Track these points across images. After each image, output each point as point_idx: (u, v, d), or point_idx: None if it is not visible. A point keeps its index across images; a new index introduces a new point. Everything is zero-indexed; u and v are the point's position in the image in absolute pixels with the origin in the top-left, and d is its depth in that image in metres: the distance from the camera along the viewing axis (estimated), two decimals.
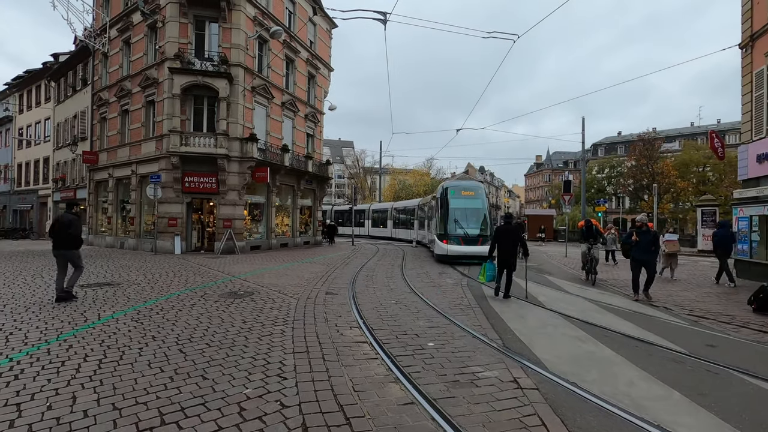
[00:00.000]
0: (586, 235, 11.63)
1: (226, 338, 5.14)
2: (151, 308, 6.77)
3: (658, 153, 44.25)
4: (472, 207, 15.90)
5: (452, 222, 15.37)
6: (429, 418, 3.17)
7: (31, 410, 3.18)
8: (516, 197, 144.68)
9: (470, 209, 15.85)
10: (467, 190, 16.46)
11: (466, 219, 15.52)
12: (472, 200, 16.08)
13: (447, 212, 15.59)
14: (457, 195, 16.08)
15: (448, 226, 15.30)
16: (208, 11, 18.05)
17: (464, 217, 15.61)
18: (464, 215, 15.65)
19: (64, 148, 26.78)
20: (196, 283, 9.47)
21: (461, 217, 15.55)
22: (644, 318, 6.92)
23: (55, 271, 7.50)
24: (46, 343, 4.82)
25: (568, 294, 9.16)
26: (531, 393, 3.66)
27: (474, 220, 15.57)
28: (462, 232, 15.14)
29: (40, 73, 31.56)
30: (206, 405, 3.32)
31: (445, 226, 15.37)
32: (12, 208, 35.79)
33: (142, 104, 19.36)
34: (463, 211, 15.74)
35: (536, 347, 5.07)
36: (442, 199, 16.21)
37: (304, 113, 24.09)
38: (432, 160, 65.79)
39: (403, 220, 29.80)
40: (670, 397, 3.72)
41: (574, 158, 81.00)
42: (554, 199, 57.76)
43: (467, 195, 16.21)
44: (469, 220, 15.51)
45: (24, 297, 7.53)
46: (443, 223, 15.54)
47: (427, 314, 6.68)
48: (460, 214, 15.63)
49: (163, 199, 17.37)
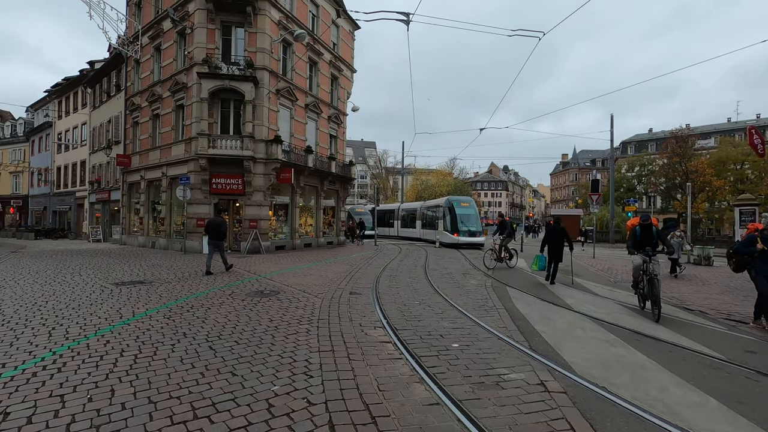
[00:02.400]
0: (640, 242, 7.65)
1: (254, 336, 5.26)
2: (181, 306, 7.00)
3: (692, 150, 42.47)
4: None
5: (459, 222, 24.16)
6: (454, 419, 3.17)
7: (74, 401, 3.35)
8: (541, 197, 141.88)
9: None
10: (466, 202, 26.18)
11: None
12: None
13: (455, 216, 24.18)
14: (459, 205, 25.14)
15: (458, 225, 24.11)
16: (234, 17, 18.48)
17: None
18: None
19: (99, 151, 27.95)
20: (223, 282, 9.73)
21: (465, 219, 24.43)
22: (678, 322, 6.68)
23: (93, 269, 7.79)
24: (85, 338, 5.06)
25: (597, 296, 8.93)
26: (559, 396, 3.60)
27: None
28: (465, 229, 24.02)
29: (77, 81, 33.08)
30: (236, 401, 3.41)
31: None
32: (52, 209, 37.61)
33: (172, 108, 20.00)
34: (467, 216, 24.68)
35: (564, 350, 4.98)
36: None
37: (327, 115, 24.34)
38: (455, 160, 65.40)
39: (430, 220, 30.03)
40: (706, 404, 3.58)
41: (601, 156, 78.76)
42: (581, 198, 56.32)
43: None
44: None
45: (64, 294, 7.92)
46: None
47: (451, 315, 6.65)
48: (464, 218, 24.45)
49: (192, 200, 17.90)
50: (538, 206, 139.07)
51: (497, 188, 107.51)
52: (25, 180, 42.64)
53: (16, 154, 43.57)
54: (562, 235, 10.54)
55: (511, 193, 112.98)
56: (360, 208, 32.02)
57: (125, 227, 24.43)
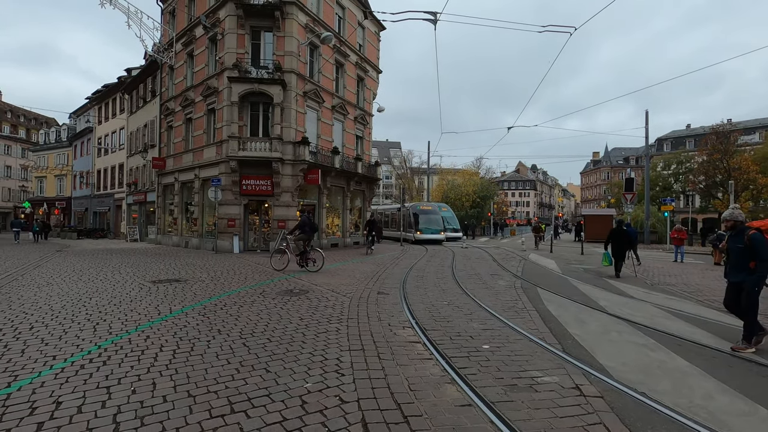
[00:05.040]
0: None
1: (285, 334, 5.37)
2: (215, 304, 7.22)
3: (734, 146, 40.30)
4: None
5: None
6: (487, 421, 3.13)
7: (119, 393, 3.52)
8: (571, 196, 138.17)
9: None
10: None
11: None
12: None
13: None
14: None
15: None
16: (263, 21, 18.91)
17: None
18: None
19: (135, 155, 29.19)
20: (254, 281, 9.96)
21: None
22: (720, 327, 6.36)
23: (131, 267, 8.13)
24: (127, 333, 5.29)
25: (633, 299, 8.61)
26: (595, 401, 3.50)
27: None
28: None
29: (115, 87, 34.66)
30: (270, 396, 3.49)
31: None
32: (92, 210, 39.53)
33: (204, 112, 20.65)
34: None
35: (599, 354, 4.83)
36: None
37: (354, 116, 24.53)
38: (481, 159, 64.56)
39: None
40: (755, 414, 3.40)
41: (635, 154, 75.93)
42: (614, 198, 54.42)
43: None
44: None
45: (106, 291, 8.31)
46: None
47: (481, 316, 6.57)
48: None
49: (223, 201, 18.42)
50: (568, 206, 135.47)
51: (525, 188, 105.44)
52: (68, 182, 45.04)
53: (61, 158, 46.11)
54: (625, 236, 11.97)
55: (540, 193, 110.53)
56: (425, 205, 31.43)
57: (160, 227, 25.39)
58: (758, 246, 4.89)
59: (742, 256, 5.04)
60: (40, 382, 3.74)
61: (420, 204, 30.65)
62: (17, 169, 55.95)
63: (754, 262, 4.95)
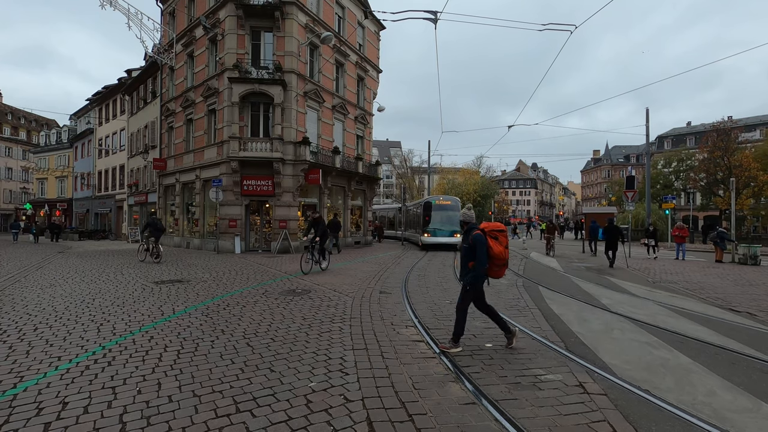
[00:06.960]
0: None
1: (289, 334, 5.38)
2: (218, 304, 7.23)
3: (735, 144, 40.22)
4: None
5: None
6: (492, 419, 3.15)
7: (124, 393, 3.53)
8: (572, 194, 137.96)
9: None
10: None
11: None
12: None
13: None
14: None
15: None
16: (263, 22, 18.90)
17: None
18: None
19: (136, 156, 29.21)
20: (256, 281, 9.97)
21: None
22: (724, 324, 6.37)
23: (133, 268, 8.12)
24: (131, 334, 5.31)
25: (635, 297, 8.62)
26: (599, 399, 3.52)
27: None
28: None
29: (115, 89, 34.67)
30: (275, 396, 3.51)
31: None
32: (94, 212, 39.56)
33: (205, 113, 20.65)
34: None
35: (602, 352, 4.84)
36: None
37: (354, 115, 24.53)
38: (481, 158, 64.47)
39: None
40: (758, 410, 3.41)
41: (636, 152, 75.78)
42: (614, 196, 54.34)
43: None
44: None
45: (109, 292, 8.33)
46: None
47: (483, 314, 6.56)
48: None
49: (224, 202, 18.43)
50: (569, 204, 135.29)
51: (526, 186, 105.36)
52: (69, 184, 45.08)
53: (62, 160, 46.14)
54: (617, 231, 14.18)
55: (540, 191, 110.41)
56: (443, 199, 23.99)
57: None
58: (477, 246, 4.71)
59: (467, 255, 4.87)
60: (46, 382, 3.76)
61: (435, 198, 23.49)
62: (18, 171, 56.00)
63: (472, 262, 4.76)
